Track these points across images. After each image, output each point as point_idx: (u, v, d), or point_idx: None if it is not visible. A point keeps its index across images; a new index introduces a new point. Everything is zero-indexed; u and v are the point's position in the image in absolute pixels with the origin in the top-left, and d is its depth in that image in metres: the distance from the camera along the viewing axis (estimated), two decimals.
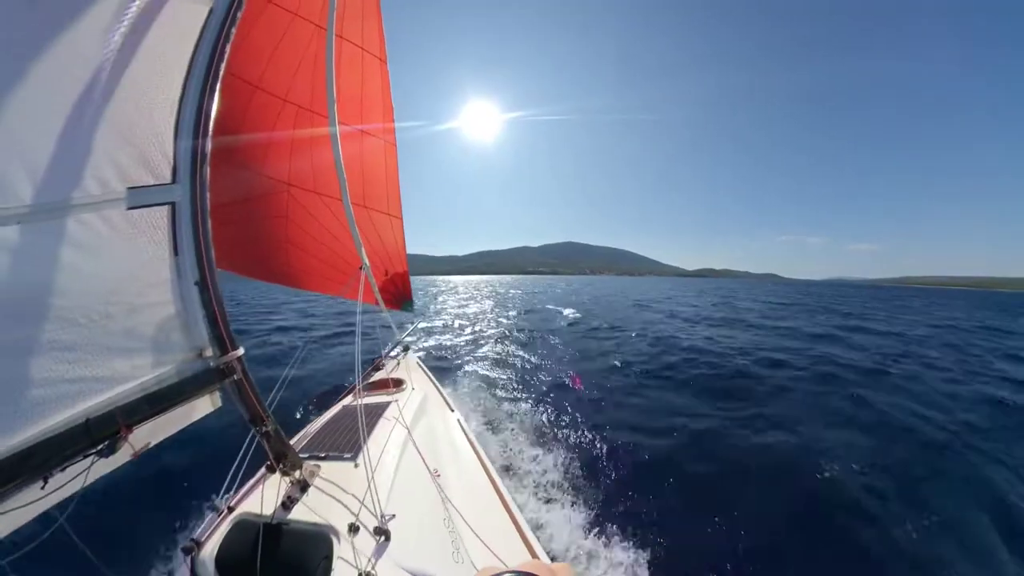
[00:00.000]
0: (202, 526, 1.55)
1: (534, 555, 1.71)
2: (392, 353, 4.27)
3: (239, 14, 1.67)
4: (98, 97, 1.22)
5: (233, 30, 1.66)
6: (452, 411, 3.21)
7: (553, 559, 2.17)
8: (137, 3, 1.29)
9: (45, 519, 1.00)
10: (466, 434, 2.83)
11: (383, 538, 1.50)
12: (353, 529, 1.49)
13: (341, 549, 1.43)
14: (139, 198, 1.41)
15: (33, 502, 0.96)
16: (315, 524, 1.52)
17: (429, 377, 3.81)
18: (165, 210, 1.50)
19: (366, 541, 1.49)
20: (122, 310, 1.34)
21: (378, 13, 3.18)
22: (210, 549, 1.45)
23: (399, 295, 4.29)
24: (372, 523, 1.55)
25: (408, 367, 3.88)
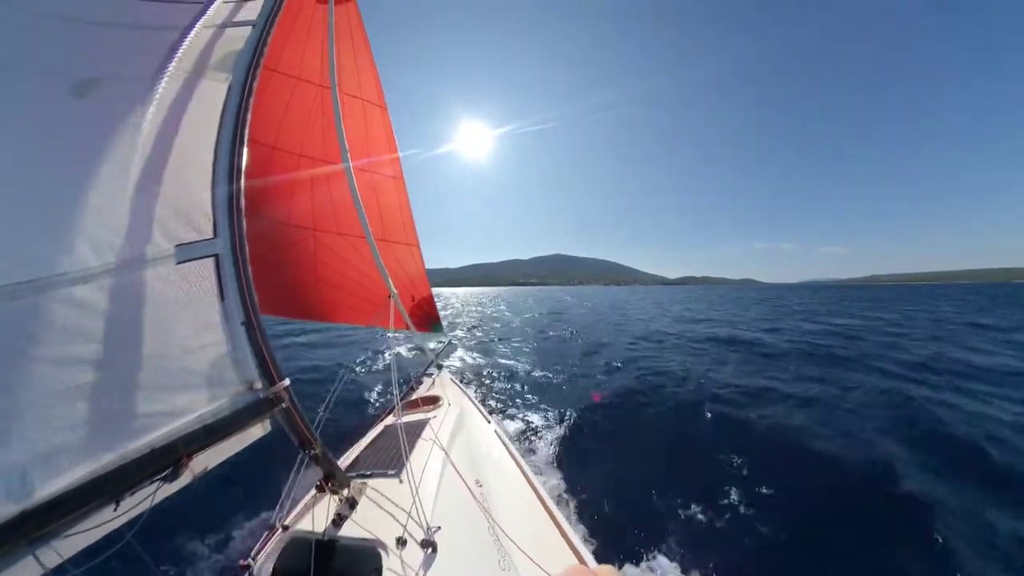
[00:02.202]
0: (258, 544, 1.61)
1: (580, 559, 1.60)
2: (427, 372, 4.36)
3: (254, 85, 1.94)
4: (143, 169, 1.44)
5: (251, 99, 1.92)
6: (489, 422, 3.17)
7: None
8: (170, 89, 1.55)
9: (114, 535, 1.10)
10: (504, 444, 2.77)
11: (430, 550, 1.48)
12: (401, 542, 1.48)
13: (390, 562, 1.43)
14: (186, 253, 1.61)
15: (107, 522, 1.07)
16: (364, 539, 1.54)
17: (464, 392, 3.82)
18: (210, 261, 1.69)
19: (414, 553, 1.47)
20: (179, 352, 1.49)
21: (371, 64, 3.52)
22: (266, 566, 1.51)
23: (427, 318, 4.42)
24: (419, 536, 1.54)
25: (443, 384, 3.93)
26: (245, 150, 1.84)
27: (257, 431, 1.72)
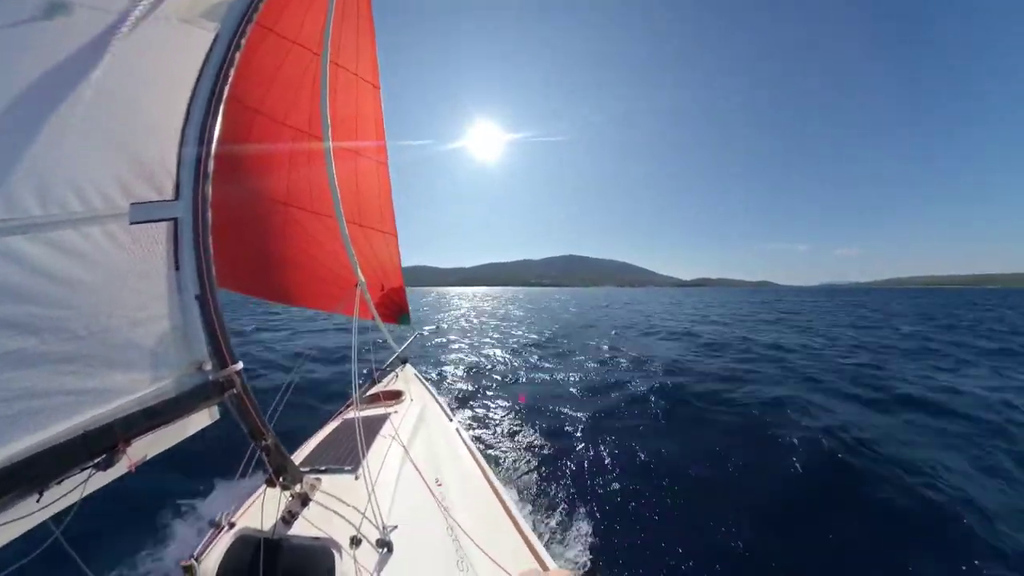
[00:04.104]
0: (201, 542, 1.48)
1: (539, 560, 1.67)
2: (390, 366, 4.23)
3: (243, 40, 1.78)
4: (104, 114, 1.27)
5: (237, 55, 1.76)
6: (451, 420, 3.16)
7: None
8: (147, 26, 1.38)
9: (41, 532, 0.95)
10: (465, 443, 2.79)
11: (385, 550, 1.45)
12: (355, 542, 1.44)
13: (343, 563, 1.39)
14: (141, 213, 1.44)
15: (27, 515, 0.92)
16: (316, 538, 1.47)
17: (427, 388, 3.76)
18: (167, 226, 1.53)
19: (368, 554, 1.44)
20: (123, 323, 1.33)
21: (373, 43, 3.37)
22: (210, 566, 1.39)
23: (396, 309, 4.29)
24: (374, 535, 1.50)
25: (406, 379, 3.84)
26: (222, 109, 1.69)
27: (204, 418, 1.58)
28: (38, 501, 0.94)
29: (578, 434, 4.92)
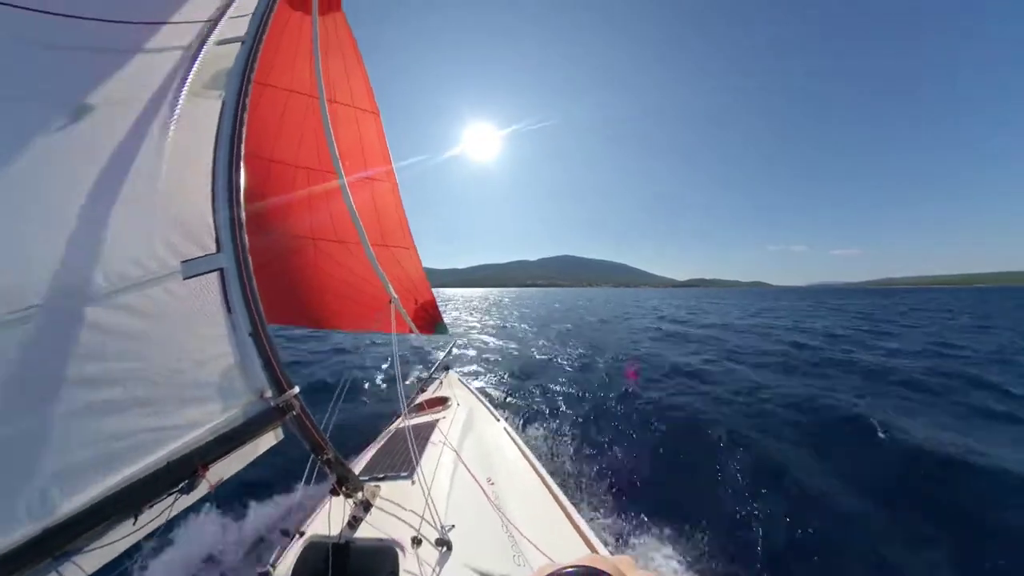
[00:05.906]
0: (275, 551, 1.65)
1: (592, 550, 1.62)
2: (434, 374, 4.40)
3: (247, 101, 1.96)
4: (145, 190, 1.47)
5: (245, 115, 1.94)
6: (498, 421, 3.20)
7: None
8: (164, 109, 1.57)
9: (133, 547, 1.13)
10: (514, 441, 2.81)
11: (445, 548, 1.51)
12: (416, 542, 1.51)
13: (406, 562, 1.46)
14: (192, 268, 1.64)
15: (127, 536, 1.10)
16: (380, 540, 1.57)
17: (472, 392, 3.85)
18: (215, 275, 1.72)
19: (429, 552, 1.50)
20: (190, 365, 1.53)
21: (363, 73, 3.54)
22: (284, 571, 1.54)
23: (431, 320, 4.45)
24: (433, 535, 1.57)
25: (451, 385, 3.97)
26: (243, 165, 1.87)
27: (270, 439, 1.76)
28: (134, 524, 1.12)
29: None
